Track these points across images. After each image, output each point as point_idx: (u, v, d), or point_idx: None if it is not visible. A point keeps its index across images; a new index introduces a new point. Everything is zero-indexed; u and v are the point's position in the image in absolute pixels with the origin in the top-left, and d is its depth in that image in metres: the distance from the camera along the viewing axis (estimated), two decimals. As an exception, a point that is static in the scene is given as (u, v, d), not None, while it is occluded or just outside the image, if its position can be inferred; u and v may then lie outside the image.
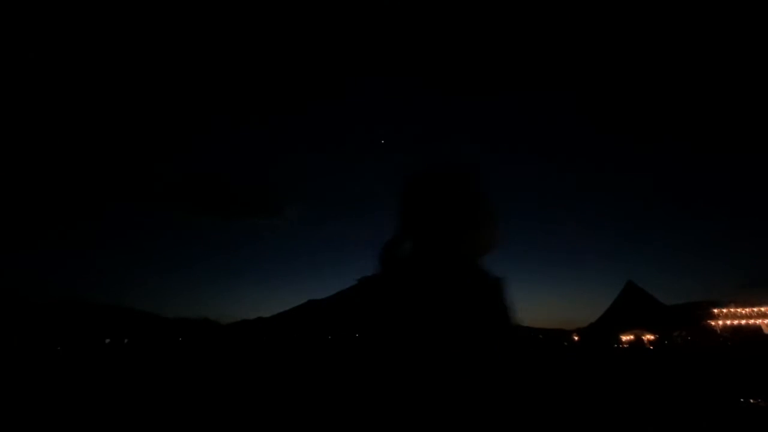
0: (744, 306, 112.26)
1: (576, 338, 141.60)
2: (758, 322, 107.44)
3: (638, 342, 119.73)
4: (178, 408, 22.52)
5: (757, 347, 73.03)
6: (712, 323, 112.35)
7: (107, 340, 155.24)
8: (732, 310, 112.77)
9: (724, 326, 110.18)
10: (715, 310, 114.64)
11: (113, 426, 18.32)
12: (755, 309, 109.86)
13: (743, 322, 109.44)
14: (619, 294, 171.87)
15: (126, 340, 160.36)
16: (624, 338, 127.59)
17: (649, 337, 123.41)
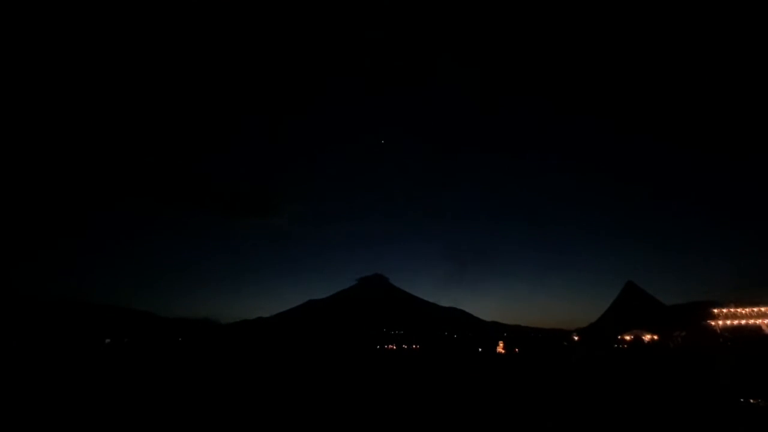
0: (744, 306, 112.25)
1: (576, 338, 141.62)
2: (758, 322, 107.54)
3: (638, 342, 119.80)
4: (180, 406, 22.51)
5: (757, 347, 73.23)
6: (712, 323, 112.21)
7: (107, 340, 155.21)
8: (732, 310, 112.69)
9: (724, 326, 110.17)
10: (715, 310, 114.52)
11: (115, 424, 18.31)
12: (755, 309, 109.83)
13: (743, 322, 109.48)
14: (619, 294, 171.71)
15: (126, 340, 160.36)
16: (624, 338, 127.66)
17: (649, 336, 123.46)
